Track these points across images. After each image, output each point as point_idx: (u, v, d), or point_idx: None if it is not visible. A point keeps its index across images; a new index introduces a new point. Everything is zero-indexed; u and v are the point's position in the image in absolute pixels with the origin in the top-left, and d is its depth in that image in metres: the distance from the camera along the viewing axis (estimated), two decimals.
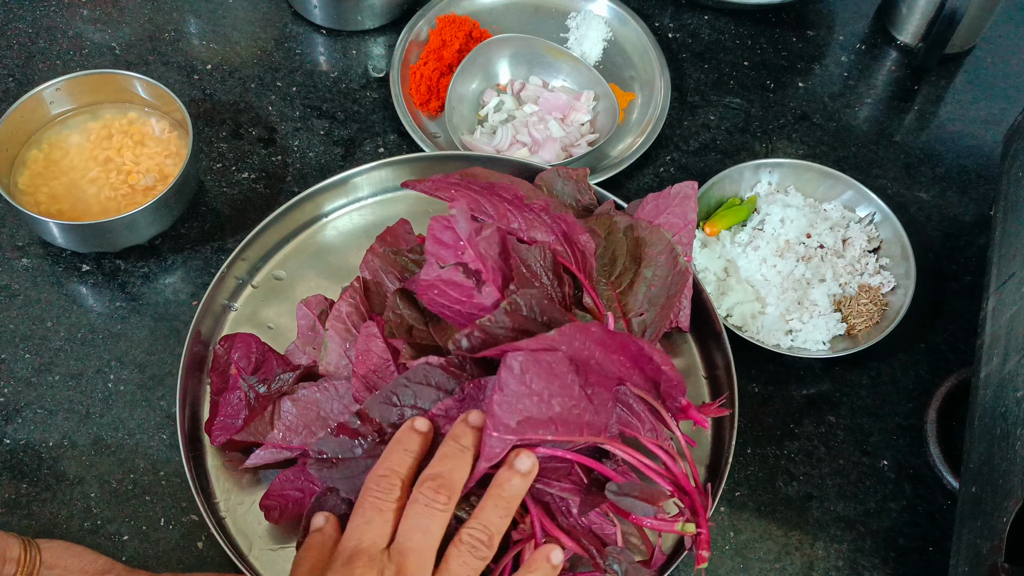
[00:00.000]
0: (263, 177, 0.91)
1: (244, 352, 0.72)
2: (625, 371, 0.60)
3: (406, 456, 0.57)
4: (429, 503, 0.55)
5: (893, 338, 0.81)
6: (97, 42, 0.99)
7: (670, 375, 0.61)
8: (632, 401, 0.62)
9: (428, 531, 0.54)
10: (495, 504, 0.56)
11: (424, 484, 0.55)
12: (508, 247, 0.63)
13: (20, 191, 0.84)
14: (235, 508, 0.69)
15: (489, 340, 0.58)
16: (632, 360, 0.60)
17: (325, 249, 0.81)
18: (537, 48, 0.97)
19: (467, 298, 0.60)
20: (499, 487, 0.56)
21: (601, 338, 0.57)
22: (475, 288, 0.60)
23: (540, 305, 0.59)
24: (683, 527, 0.60)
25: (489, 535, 0.55)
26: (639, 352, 0.59)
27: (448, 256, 0.60)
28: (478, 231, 0.61)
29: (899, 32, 1.06)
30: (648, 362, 0.60)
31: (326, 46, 1.01)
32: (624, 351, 0.59)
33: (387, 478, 0.56)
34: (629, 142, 0.95)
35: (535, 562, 0.57)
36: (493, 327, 0.58)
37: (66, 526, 0.73)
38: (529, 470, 0.57)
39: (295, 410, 0.67)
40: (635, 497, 0.59)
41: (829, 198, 0.91)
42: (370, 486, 0.56)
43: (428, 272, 0.60)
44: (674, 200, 0.76)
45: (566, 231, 0.69)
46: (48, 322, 0.82)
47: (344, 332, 0.69)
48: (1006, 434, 0.66)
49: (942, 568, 0.76)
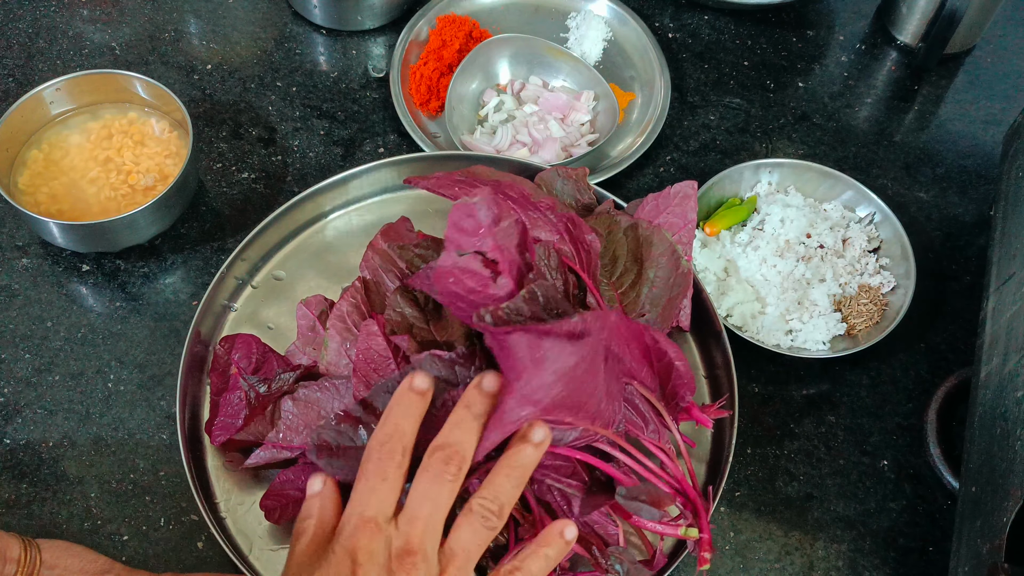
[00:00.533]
0: (263, 177, 0.91)
1: (244, 353, 0.72)
2: (636, 366, 0.60)
3: (406, 420, 0.55)
4: (440, 473, 0.53)
5: (893, 338, 0.81)
6: (97, 42, 0.99)
7: (682, 371, 0.61)
8: (637, 401, 0.62)
9: (437, 502, 0.52)
10: (507, 475, 0.54)
11: (434, 454, 0.53)
12: (527, 240, 0.62)
13: (20, 191, 0.84)
14: (235, 508, 0.69)
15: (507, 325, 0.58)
16: (644, 353, 0.59)
17: (325, 249, 0.81)
18: (537, 48, 0.97)
19: (482, 287, 0.60)
20: (511, 457, 0.54)
21: (619, 327, 0.56)
22: (491, 278, 0.59)
23: (554, 298, 0.59)
24: (686, 532, 0.60)
25: (500, 505, 0.53)
26: (653, 345, 0.59)
27: (467, 244, 0.59)
28: (497, 220, 0.60)
29: (899, 32, 1.06)
30: (661, 356, 0.60)
31: (326, 46, 1.01)
32: (638, 341, 0.58)
33: (389, 443, 0.54)
34: (629, 142, 0.95)
35: (549, 536, 0.55)
36: (511, 315, 0.58)
37: (66, 526, 0.73)
38: (542, 441, 0.55)
39: (295, 409, 0.66)
40: (643, 501, 0.59)
41: (829, 198, 0.91)
42: (372, 449, 0.54)
43: (446, 259, 0.59)
44: (674, 200, 0.76)
45: (571, 230, 0.68)
46: (48, 322, 0.82)
47: (344, 331, 0.69)
48: (1006, 434, 0.66)
49: (942, 568, 0.76)
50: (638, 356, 0.59)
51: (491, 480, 0.54)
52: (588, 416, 0.57)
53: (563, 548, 0.55)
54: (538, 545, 0.55)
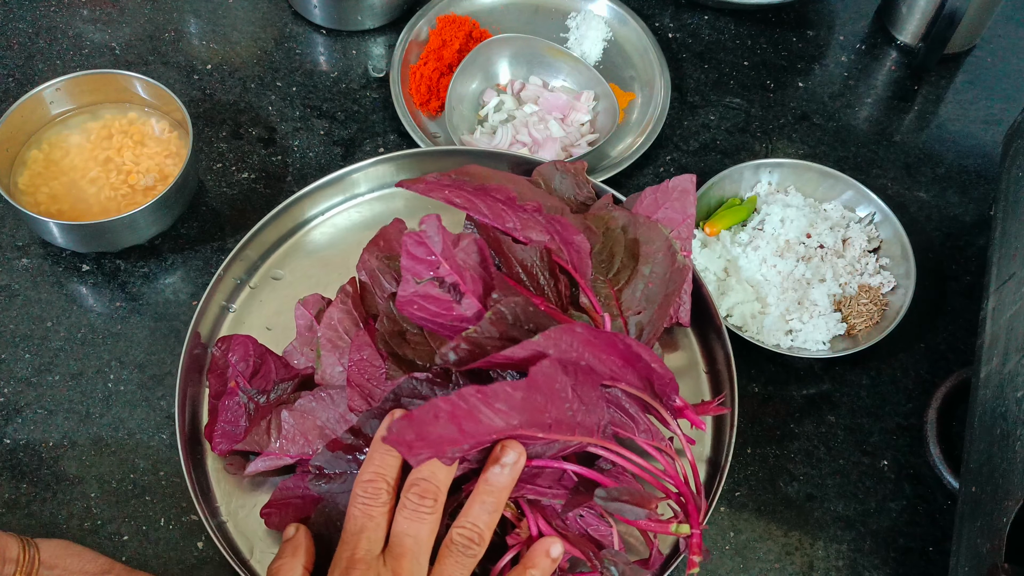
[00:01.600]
0: (263, 177, 0.91)
1: (242, 354, 0.72)
2: (617, 370, 0.60)
3: (388, 456, 0.58)
4: (416, 508, 0.56)
5: (893, 338, 0.81)
6: (97, 42, 0.99)
7: (660, 372, 0.60)
8: (625, 402, 0.62)
9: (418, 537, 0.56)
10: (482, 501, 0.57)
11: (410, 490, 0.56)
12: (487, 256, 0.63)
13: (20, 191, 0.84)
14: (236, 511, 0.69)
15: (477, 351, 0.58)
16: (622, 358, 0.59)
17: (323, 247, 0.81)
18: (537, 48, 0.97)
19: (447, 311, 0.61)
20: (485, 483, 0.57)
21: (587, 338, 0.57)
22: (454, 300, 0.60)
23: (524, 313, 0.59)
24: (677, 528, 0.60)
25: (479, 532, 0.56)
26: (627, 350, 0.59)
27: (423, 271, 0.60)
28: (456, 242, 0.61)
29: (899, 32, 1.06)
30: (637, 360, 0.59)
31: (326, 46, 1.01)
32: (612, 349, 0.58)
33: (373, 483, 0.57)
34: (629, 142, 0.95)
35: (535, 556, 0.57)
36: (480, 337, 0.58)
37: (66, 526, 0.73)
38: (515, 462, 0.57)
39: (292, 419, 0.67)
40: (624, 501, 0.58)
41: (829, 198, 0.90)
42: (357, 492, 0.57)
43: (405, 288, 0.60)
44: (672, 194, 0.76)
45: (560, 231, 0.68)
46: (48, 322, 0.82)
47: (336, 339, 0.69)
48: (1006, 434, 0.66)
49: (942, 568, 0.76)
50: (618, 362, 0.59)
51: (468, 508, 0.57)
52: (566, 429, 0.57)
53: (550, 566, 0.57)
54: (524, 567, 0.57)
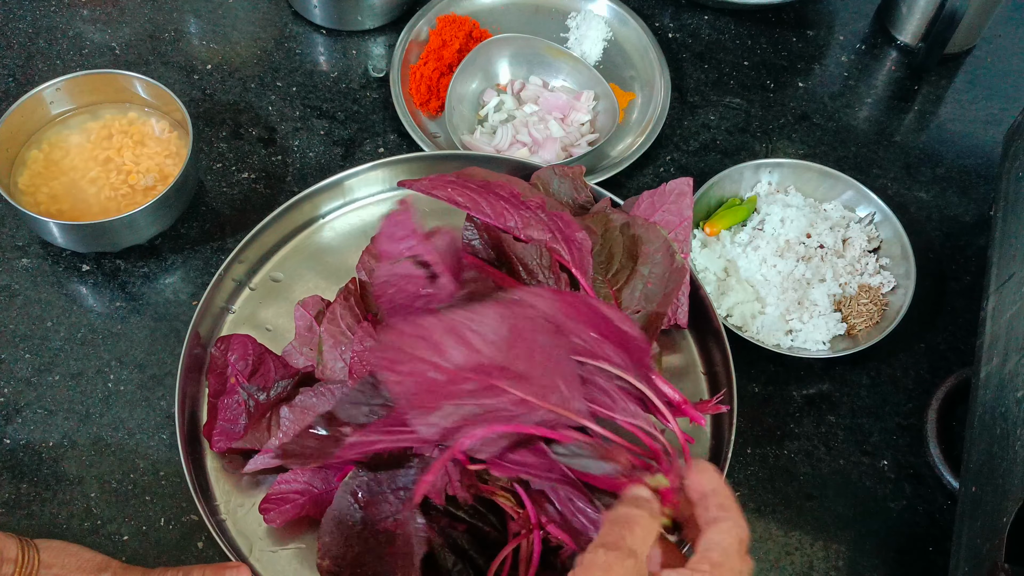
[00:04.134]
0: (263, 177, 0.91)
1: (241, 354, 0.72)
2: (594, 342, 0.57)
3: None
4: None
5: (893, 338, 0.81)
6: (97, 42, 0.99)
7: (631, 333, 0.58)
8: (601, 380, 0.60)
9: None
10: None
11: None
12: (459, 246, 0.62)
13: (20, 191, 0.84)
14: (235, 510, 0.69)
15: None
16: (601, 330, 0.58)
17: (323, 250, 0.81)
18: (537, 48, 0.97)
19: (422, 292, 0.60)
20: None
21: (554, 301, 0.55)
22: (429, 280, 0.59)
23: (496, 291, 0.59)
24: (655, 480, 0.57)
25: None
26: (592, 311, 0.57)
27: (399, 252, 0.60)
28: (431, 235, 0.60)
29: (899, 32, 1.06)
30: (605, 322, 0.57)
31: (326, 46, 1.01)
32: (578, 313, 0.56)
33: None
34: (629, 142, 0.95)
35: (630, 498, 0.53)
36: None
37: (66, 526, 0.73)
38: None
39: (292, 415, 0.67)
40: (586, 457, 0.56)
41: (829, 198, 0.90)
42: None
43: (381, 271, 0.59)
44: (669, 197, 0.76)
45: (563, 228, 0.68)
46: (48, 322, 0.82)
47: (339, 335, 0.69)
48: (1006, 434, 0.66)
49: (942, 568, 0.76)
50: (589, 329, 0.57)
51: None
52: (536, 390, 0.54)
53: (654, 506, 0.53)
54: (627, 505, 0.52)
